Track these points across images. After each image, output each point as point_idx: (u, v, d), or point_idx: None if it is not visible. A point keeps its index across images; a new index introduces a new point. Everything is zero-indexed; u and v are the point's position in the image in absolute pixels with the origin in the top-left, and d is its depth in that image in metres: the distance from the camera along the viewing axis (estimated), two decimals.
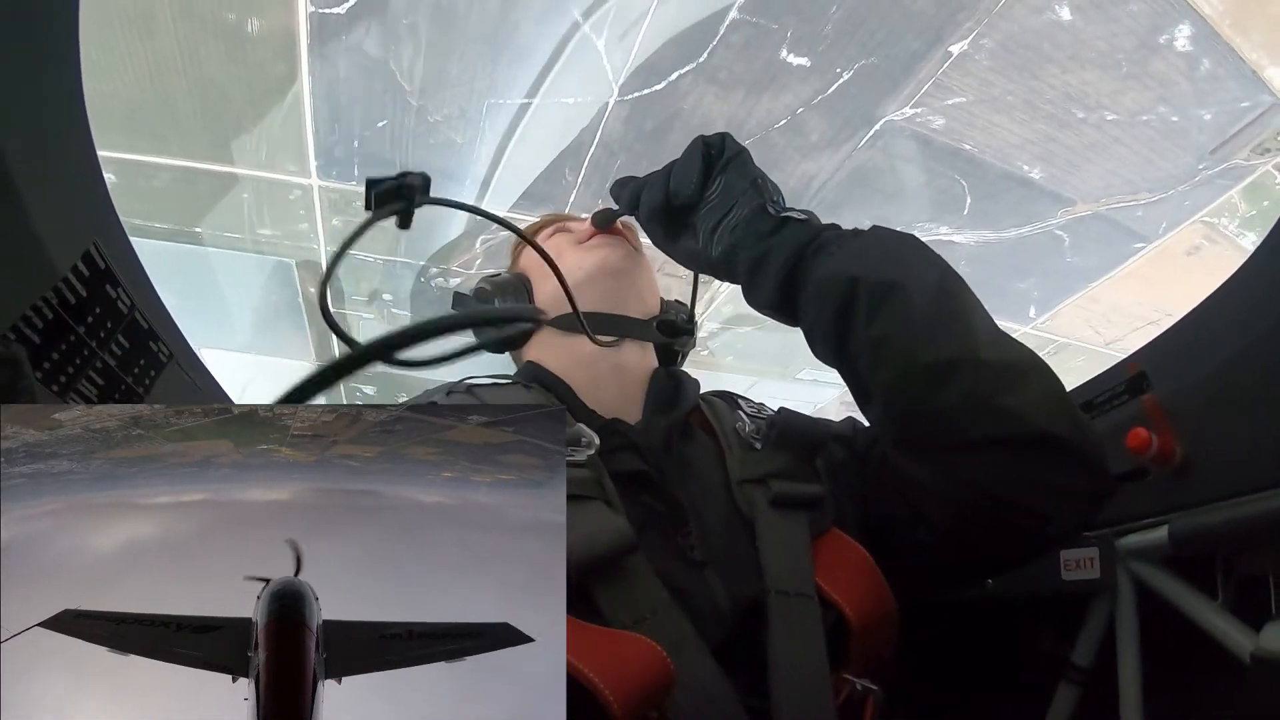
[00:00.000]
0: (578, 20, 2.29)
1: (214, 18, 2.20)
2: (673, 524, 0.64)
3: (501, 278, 0.90)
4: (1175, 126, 3.19)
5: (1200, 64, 2.95)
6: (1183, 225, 3.81)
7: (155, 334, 0.84)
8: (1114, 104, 2.98)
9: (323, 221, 2.92)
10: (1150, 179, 3.46)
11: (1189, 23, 2.78)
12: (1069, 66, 2.77)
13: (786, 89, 2.62)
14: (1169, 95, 3.03)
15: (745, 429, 0.75)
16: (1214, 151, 3.41)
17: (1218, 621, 0.77)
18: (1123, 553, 0.88)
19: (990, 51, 2.62)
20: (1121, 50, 2.79)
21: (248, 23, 2.23)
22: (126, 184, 2.71)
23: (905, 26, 2.46)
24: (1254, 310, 0.77)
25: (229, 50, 2.29)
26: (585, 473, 0.61)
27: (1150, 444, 0.79)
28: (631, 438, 0.70)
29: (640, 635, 0.51)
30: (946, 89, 2.72)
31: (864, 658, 0.60)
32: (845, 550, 0.65)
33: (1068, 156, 3.20)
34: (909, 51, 2.54)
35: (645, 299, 0.87)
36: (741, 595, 0.60)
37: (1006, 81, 2.76)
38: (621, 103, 2.57)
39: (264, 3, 2.17)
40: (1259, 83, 3.09)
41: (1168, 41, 2.82)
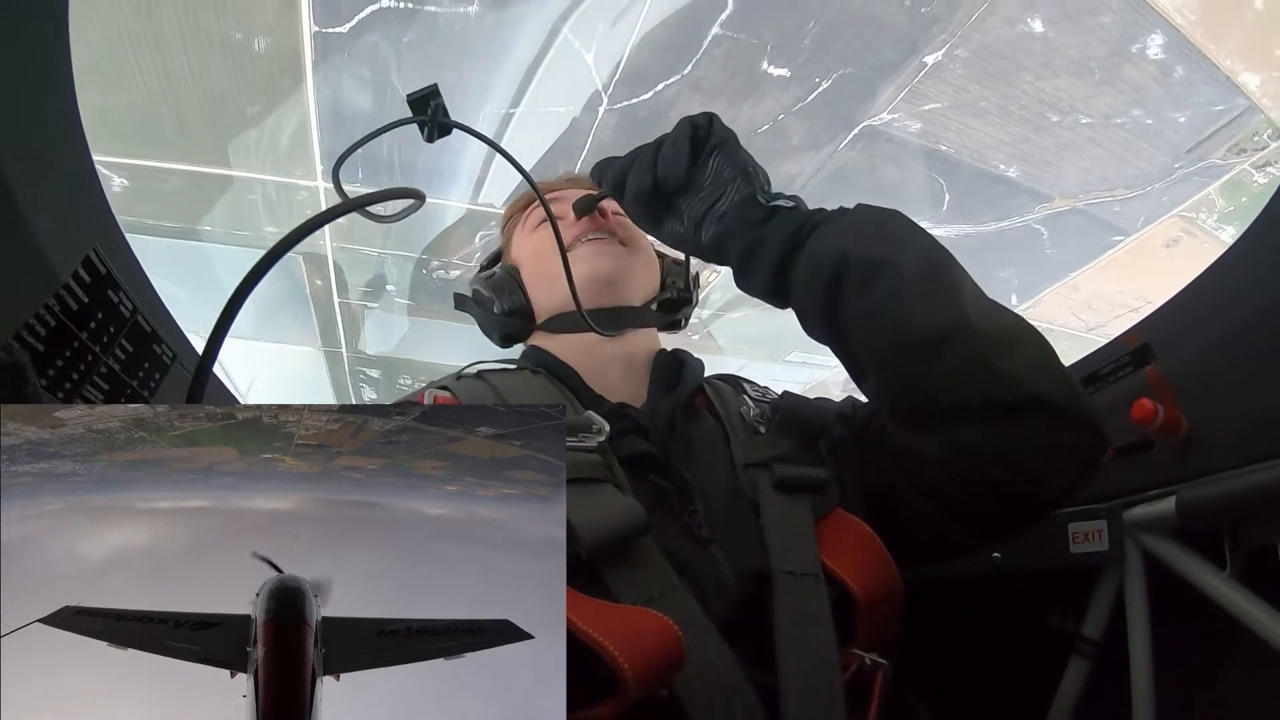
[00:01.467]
0: (568, 38, 2.41)
1: (221, 36, 2.33)
2: (680, 502, 0.65)
3: (495, 277, 0.90)
4: (1150, 129, 3.28)
5: (1174, 70, 3.03)
6: (1160, 220, 3.90)
7: (158, 336, 0.85)
8: (1088, 108, 3.08)
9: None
10: (1126, 176, 3.55)
11: (1161, 32, 2.85)
12: (1042, 74, 2.87)
13: (768, 97, 2.74)
14: (1143, 100, 3.12)
15: (750, 413, 0.75)
16: (1190, 151, 3.50)
17: (1226, 591, 0.76)
18: (1130, 524, 0.87)
19: (964, 61, 2.72)
20: (1094, 58, 2.88)
21: (254, 41, 2.36)
22: (139, 188, 2.86)
23: (881, 39, 2.57)
24: (1257, 279, 0.77)
25: (236, 65, 2.42)
26: (595, 458, 0.62)
27: (1156, 415, 0.79)
28: (638, 420, 0.71)
29: (653, 610, 0.52)
30: (922, 95, 2.83)
31: (870, 632, 0.60)
32: (849, 528, 0.65)
33: (1043, 156, 3.31)
34: (885, 61, 2.65)
35: (642, 286, 0.87)
36: (747, 572, 0.61)
37: (980, 88, 2.86)
38: (610, 110, 2.70)
39: (270, 23, 2.30)
40: (1233, 87, 3.16)
41: (1140, 50, 2.90)
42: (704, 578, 0.59)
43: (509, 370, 0.80)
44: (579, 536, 0.54)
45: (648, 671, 0.47)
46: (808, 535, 0.63)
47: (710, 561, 0.61)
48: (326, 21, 2.30)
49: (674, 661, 0.49)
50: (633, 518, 0.57)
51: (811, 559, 0.61)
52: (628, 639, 0.47)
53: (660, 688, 0.49)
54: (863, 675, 0.57)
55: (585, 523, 0.55)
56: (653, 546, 0.58)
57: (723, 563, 0.61)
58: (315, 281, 3.42)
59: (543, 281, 0.87)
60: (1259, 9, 2.96)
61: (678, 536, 0.61)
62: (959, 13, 2.54)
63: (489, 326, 0.92)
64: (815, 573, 0.60)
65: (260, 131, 2.69)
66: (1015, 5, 2.57)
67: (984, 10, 2.54)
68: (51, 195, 0.69)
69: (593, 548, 0.54)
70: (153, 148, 2.74)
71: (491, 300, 0.88)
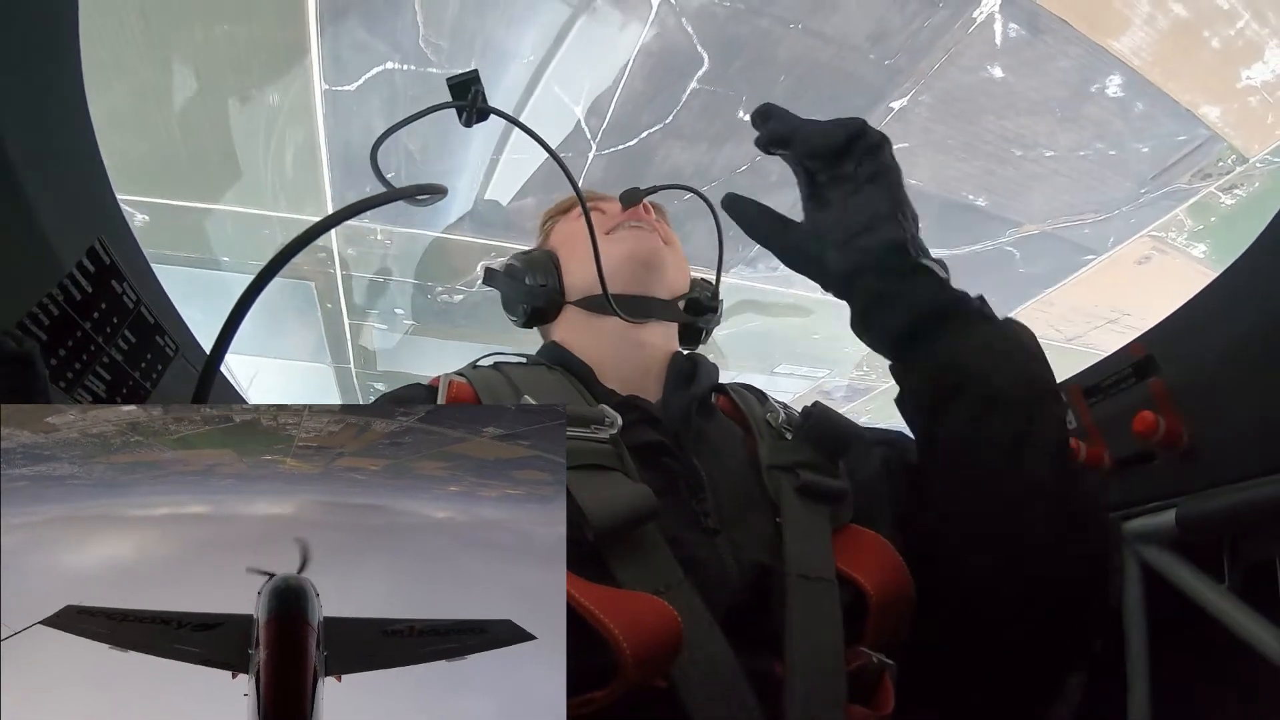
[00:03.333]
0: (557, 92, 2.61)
1: (239, 92, 2.55)
2: (689, 489, 0.65)
3: (532, 254, 0.91)
4: (1113, 159, 3.45)
5: (1134, 106, 3.19)
6: (1130, 240, 4.04)
7: (161, 328, 0.84)
8: (1051, 142, 3.25)
9: (338, 252, 3.30)
10: (1093, 202, 3.71)
11: (1119, 73, 3.02)
12: (1004, 114, 3.04)
13: (746, 141, 2.93)
14: (1105, 133, 3.28)
15: (778, 419, 0.75)
16: (1155, 178, 3.65)
17: (1224, 605, 0.76)
18: (1130, 536, 0.87)
19: (929, 106, 2.91)
20: (1055, 99, 3.05)
21: (269, 96, 2.58)
22: (158, 223, 3.09)
23: (849, 88, 2.76)
24: (1262, 292, 0.76)
25: (253, 117, 2.64)
26: (606, 447, 0.62)
27: (1157, 427, 0.79)
28: (649, 411, 0.71)
29: (654, 596, 0.52)
30: (890, 136, 3.01)
31: (881, 633, 0.60)
32: (864, 537, 0.65)
33: (1010, 187, 3.48)
34: (853, 108, 2.84)
35: (673, 282, 0.87)
36: (752, 566, 0.60)
37: (946, 129, 3.04)
38: (599, 156, 2.91)
39: (283, 81, 2.51)
40: (1194, 119, 3.32)
41: (1099, 89, 3.07)
42: (708, 568, 0.59)
43: (524, 364, 0.80)
44: (589, 518, 0.54)
45: (647, 654, 0.47)
46: (825, 542, 0.63)
47: (715, 552, 0.61)
48: (336, 81, 2.52)
49: (673, 647, 0.49)
50: (643, 501, 0.56)
51: (827, 565, 0.60)
52: (629, 621, 0.47)
53: (658, 674, 0.49)
54: (868, 674, 0.57)
55: (596, 505, 0.54)
56: (660, 540, 0.57)
57: (728, 554, 0.61)
58: (327, 305, 3.65)
59: (577, 260, 0.87)
60: (1215, 48, 3.11)
61: (685, 525, 0.61)
62: (921, 63, 2.73)
63: (516, 299, 0.91)
64: (830, 578, 0.59)
65: (275, 173, 2.92)
66: (975, 55, 2.75)
67: (944, 61, 2.73)
68: (57, 185, 0.69)
69: (602, 529, 0.54)
70: (172, 187, 2.97)
71: (524, 273, 0.88)
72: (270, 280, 0.42)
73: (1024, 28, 2.73)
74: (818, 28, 2.52)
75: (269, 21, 2.37)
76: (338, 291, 3.61)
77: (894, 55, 2.66)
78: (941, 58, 2.70)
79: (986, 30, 2.69)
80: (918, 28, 2.59)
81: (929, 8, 2.53)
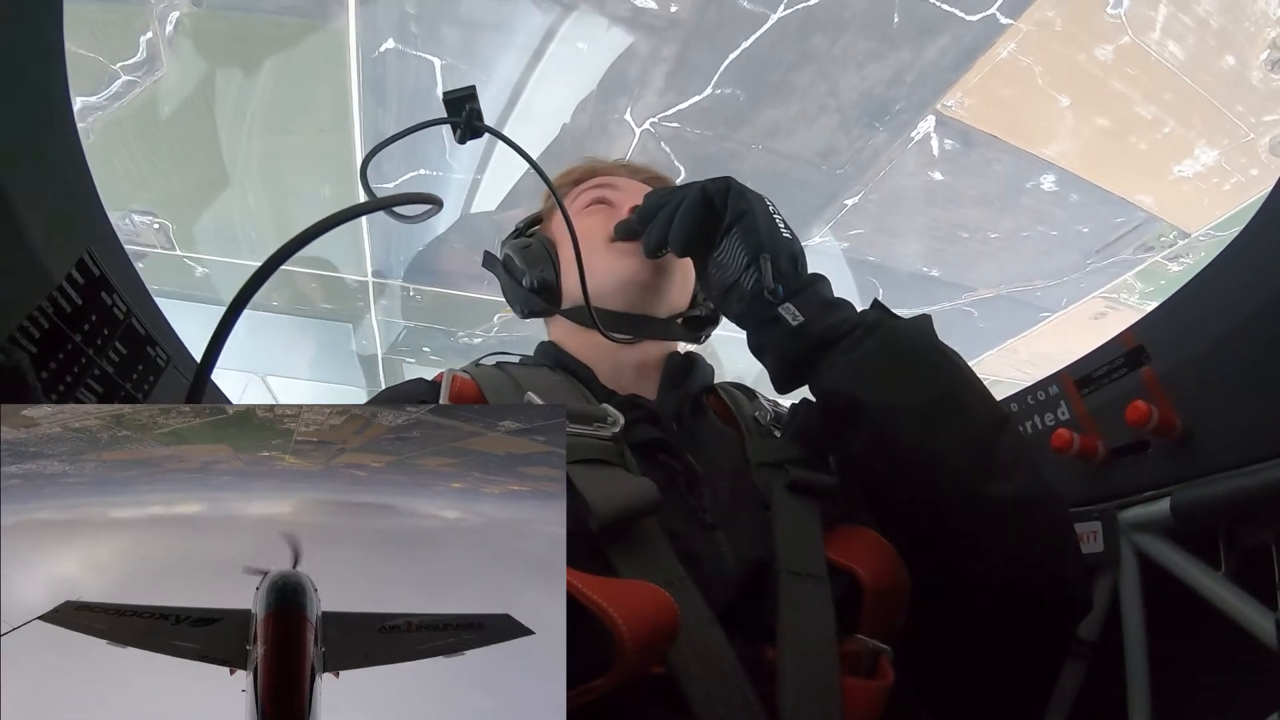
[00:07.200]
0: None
1: (289, 179, 3.12)
2: (687, 485, 0.65)
3: (531, 249, 0.88)
4: (1055, 238, 3.80)
5: (1069, 197, 3.57)
6: (1083, 300, 4.36)
7: (152, 339, 0.84)
8: (994, 226, 3.66)
9: (374, 302, 3.91)
10: (1043, 271, 4.07)
11: (1051, 173, 3.41)
12: (948, 207, 3.48)
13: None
14: (1044, 219, 3.65)
15: (766, 417, 0.76)
16: (1099, 251, 3.98)
17: (1221, 592, 0.77)
18: (1125, 526, 0.87)
19: (878, 201, 3.37)
20: (993, 193, 3.46)
21: (316, 188, 3.15)
22: (216, 274, 3.68)
23: (804, 193, 3.24)
24: (1252, 281, 0.77)
25: (301, 193, 3.21)
26: (609, 444, 0.63)
27: (1150, 417, 0.80)
28: (650, 409, 0.71)
29: (652, 584, 0.51)
30: (846, 225, 3.48)
31: (876, 622, 0.60)
32: (856, 530, 0.65)
33: (960, 261, 3.89)
34: (811, 206, 3.32)
35: (674, 300, 0.85)
36: (749, 560, 0.61)
37: (896, 218, 3.51)
38: None
39: (328, 172, 3.08)
40: (1130, 205, 3.64)
41: (1034, 185, 3.46)
42: (707, 562, 0.59)
43: (526, 364, 0.81)
44: (592, 510, 0.54)
45: (644, 639, 0.47)
46: (815, 537, 0.63)
47: (713, 546, 0.61)
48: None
49: (670, 632, 0.49)
50: (646, 494, 0.57)
51: (817, 561, 0.61)
52: (628, 607, 0.47)
53: (655, 660, 0.49)
54: (864, 660, 0.57)
55: (599, 497, 0.55)
56: (662, 536, 0.58)
57: (725, 549, 0.61)
58: (362, 342, 4.27)
59: (574, 266, 0.84)
60: (1143, 150, 3.48)
61: (684, 520, 0.62)
62: (867, 172, 3.20)
63: (513, 297, 0.91)
64: (820, 574, 0.60)
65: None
66: (915, 164, 3.21)
67: (889, 170, 3.20)
68: (46, 198, 0.69)
69: (606, 521, 0.54)
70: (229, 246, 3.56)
71: (522, 272, 0.86)
72: (262, 284, 0.42)
73: (958, 142, 3.17)
74: (775, 147, 3.01)
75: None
76: (374, 331, 4.21)
77: (843, 166, 3.14)
78: (885, 167, 3.16)
79: (924, 145, 3.14)
80: (861, 146, 3.07)
81: (869, 131, 3.00)
